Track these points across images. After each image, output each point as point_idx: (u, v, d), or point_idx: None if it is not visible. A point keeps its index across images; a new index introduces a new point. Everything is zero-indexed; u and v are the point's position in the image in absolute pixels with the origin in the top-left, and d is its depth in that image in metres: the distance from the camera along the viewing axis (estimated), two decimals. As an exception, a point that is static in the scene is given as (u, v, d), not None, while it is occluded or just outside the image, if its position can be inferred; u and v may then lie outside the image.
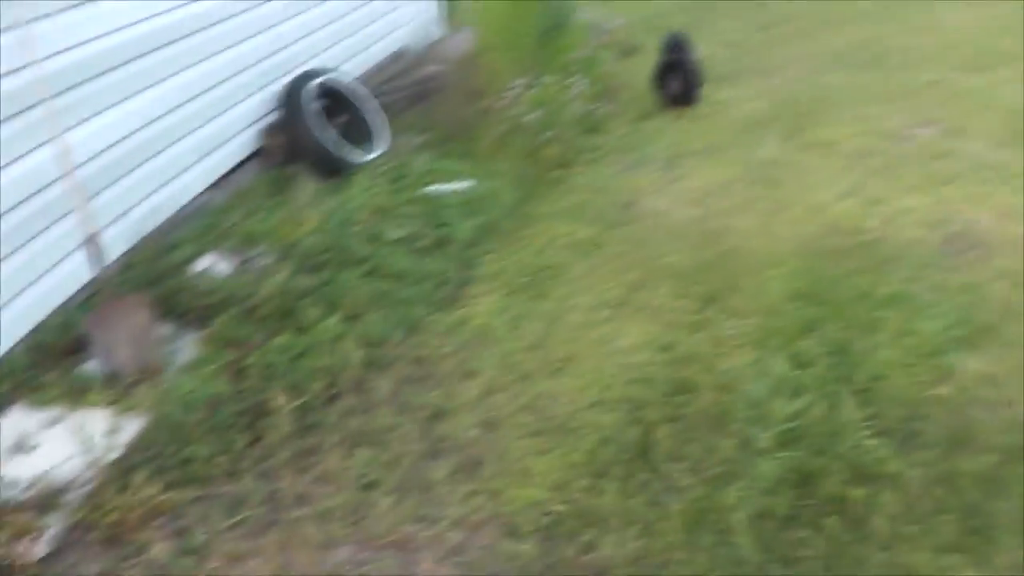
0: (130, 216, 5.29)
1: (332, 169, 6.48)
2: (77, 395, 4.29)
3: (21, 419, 4.20)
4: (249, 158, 6.62)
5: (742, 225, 6.01)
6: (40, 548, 3.53)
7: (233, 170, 6.43)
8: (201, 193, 6.06)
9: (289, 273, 5.04)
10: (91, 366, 4.51)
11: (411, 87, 8.01)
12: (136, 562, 3.50)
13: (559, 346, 4.76)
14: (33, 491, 3.74)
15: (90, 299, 4.91)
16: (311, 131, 6.46)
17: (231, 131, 6.39)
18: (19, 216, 4.56)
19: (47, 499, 3.70)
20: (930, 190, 6.31)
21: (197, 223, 5.82)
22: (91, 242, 4.54)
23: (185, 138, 5.88)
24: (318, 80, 6.86)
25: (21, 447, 4.02)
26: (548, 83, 7.43)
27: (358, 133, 7.07)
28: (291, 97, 6.70)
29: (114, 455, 3.90)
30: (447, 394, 4.41)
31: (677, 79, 8.25)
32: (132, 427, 4.08)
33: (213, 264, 5.39)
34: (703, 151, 7.35)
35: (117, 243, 5.13)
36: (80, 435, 3.87)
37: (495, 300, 5.22)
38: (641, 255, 5.66)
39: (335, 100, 7.05)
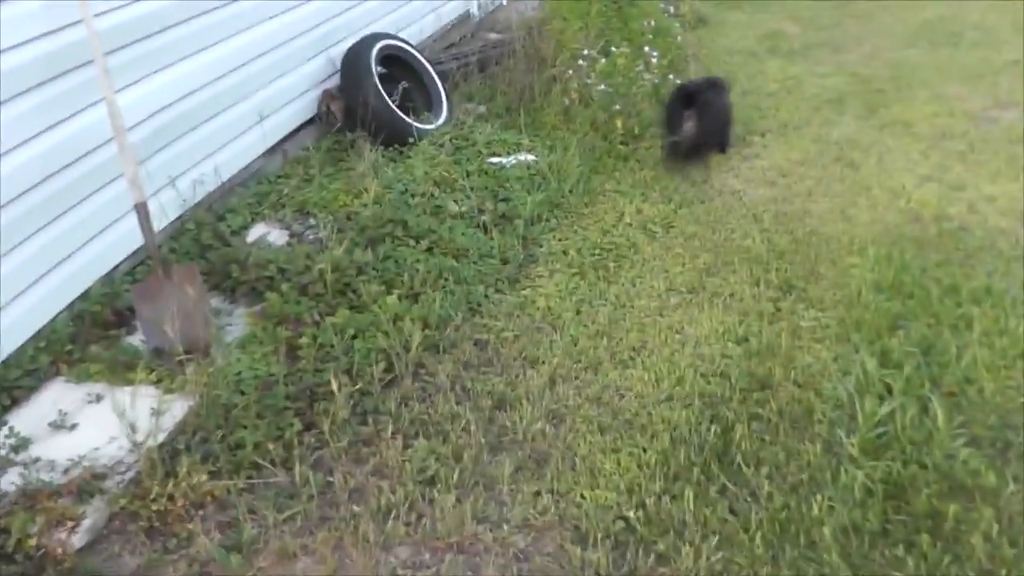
0: (181, 182, 5.07)
1: (392, 137, 6.24)
2: (121, 371, 4.08)
3: (62, 394, 4.00)
4: (307, 124, 6.40)
5: (819, 208, 5.75)
6: (78, 538, 3.33)
7: (290, 135, 6.21)
8: (257, 159, 5.84)
9: (346, 247, 4.80)
10: (137, 339, 4.32)
11: (475, 54, 7.72)
12: (180, 556, 3.29)
13: (628, 334, 4.50)
14: (72, 474, 3.55)
15: (137, 268, 4.73)
16: (371, 97, 6.20)
17: (289, 96, 6.16)
18: (67, 178, 4.35)
19: (87, 484, 3.50)
20: (1015, 176, 6.05)
21: (252, 190, 5.61)
22: (140, 209, 4.33)
23: (241, 102, 5.65)
24: (379, 45, 6.58)
25: (61, 425, 3.82)
26: (618, 53, 7.14)
27: (419, 101, 6.82)
28: (351, 62, 6.44)
29: (159, 438, 3.68)
30: (510, 382, 4.16)
31: (690, 125, 6.38)
32: (179, 408, 3.87)
33: (266, 234, 5.18)
34: (777, 128, 7.07)
35: (167, 210, 4.93)
36: (123, 415, 3.67)
37: (560, 281, 4.97)
38: (715, 237, 5.40)
39: (396, 66, 6.78)
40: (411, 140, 6.25)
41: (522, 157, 6.18)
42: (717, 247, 5.27)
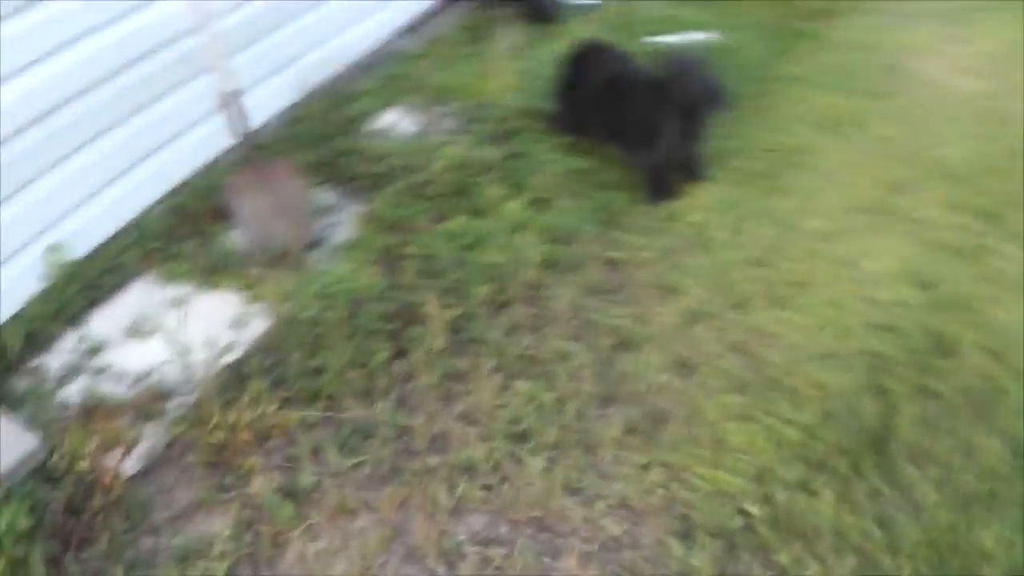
0: (301, 64, 4.58)
1: (543, 14, 5.64)
2: (209, 273, 3.71)
3: (146, 294, 3.66)
4: (449, -1, 5.80)
5: (1042, 110, 4.75)
6: (131, 464, 3.01)
7: (428, 13, 5.63)
8: (389, 38, 5.30)
9: (472, 141, 4.23)
10: (233, 237, 3.91)
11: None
12: (233, 496, 2.92)
13: (790, 264, 3.79)
14: (137, 390, 3.21)
15: (243, 160, 4.29)
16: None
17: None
18: (152, 66, 3.92)
19: (149, 403, 3.17)
20: None
21: (383, 72, 5.06)
22: (232, 97, 3.83)
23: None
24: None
25: (138, 330, 3.48)
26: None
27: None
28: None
29: (233, 356, 3.31)
30: (638, 316, 3.54)
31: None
32: (259, 323, 3.47)
33: (397, 121, 4.65)
34: (997, 3, 5.95)
35: (278, 95, 4.50)
36: (200, 326, 3.28)
37: (719, 191, 4.24)
38: (909, 143, 4.54)
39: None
40: (565, 17, 5.59)
41: (694, 36, 5.40)
42: (911, 156, 4.42)
